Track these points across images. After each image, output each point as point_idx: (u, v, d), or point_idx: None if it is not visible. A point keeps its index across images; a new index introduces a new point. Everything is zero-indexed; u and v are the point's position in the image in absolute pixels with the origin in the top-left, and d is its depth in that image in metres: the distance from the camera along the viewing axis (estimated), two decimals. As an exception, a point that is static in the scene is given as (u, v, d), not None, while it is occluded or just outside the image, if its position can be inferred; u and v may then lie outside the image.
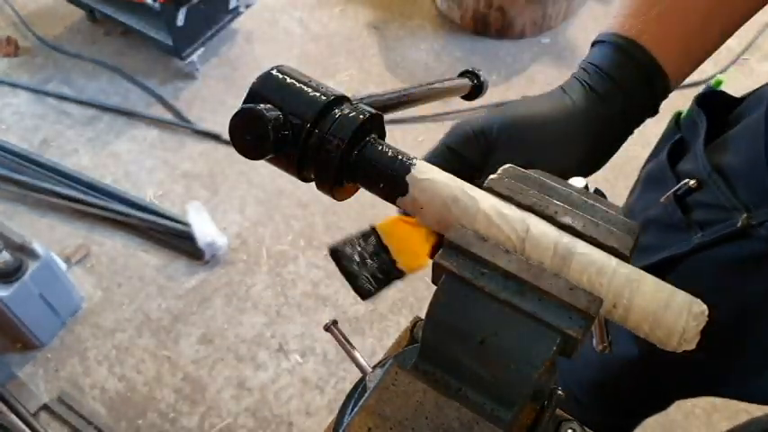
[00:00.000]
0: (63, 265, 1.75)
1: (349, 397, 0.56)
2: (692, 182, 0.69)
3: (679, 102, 0.73)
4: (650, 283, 0.39)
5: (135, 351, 1.74)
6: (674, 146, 0.76)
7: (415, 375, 0.41)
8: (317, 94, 0.42)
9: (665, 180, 0.74)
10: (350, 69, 2.42)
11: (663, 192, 0.74)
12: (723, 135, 0.71)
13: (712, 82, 0.76)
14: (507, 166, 0.44)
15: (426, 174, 0.42)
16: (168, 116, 2.26)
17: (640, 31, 0.55)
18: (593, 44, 0.58)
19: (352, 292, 0.51)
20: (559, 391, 0.50)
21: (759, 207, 0.63)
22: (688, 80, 0.61)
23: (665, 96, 0.57)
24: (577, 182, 0.46)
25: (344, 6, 2.65)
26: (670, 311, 0.37)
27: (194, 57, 2.30)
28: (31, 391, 1.64)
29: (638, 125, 0.56)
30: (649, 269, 0.75)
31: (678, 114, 0.78)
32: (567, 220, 0.41)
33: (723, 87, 0.76)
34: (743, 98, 0.74)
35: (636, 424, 1.09)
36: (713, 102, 0.74)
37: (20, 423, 1.57)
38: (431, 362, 0.42)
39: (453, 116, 2.24)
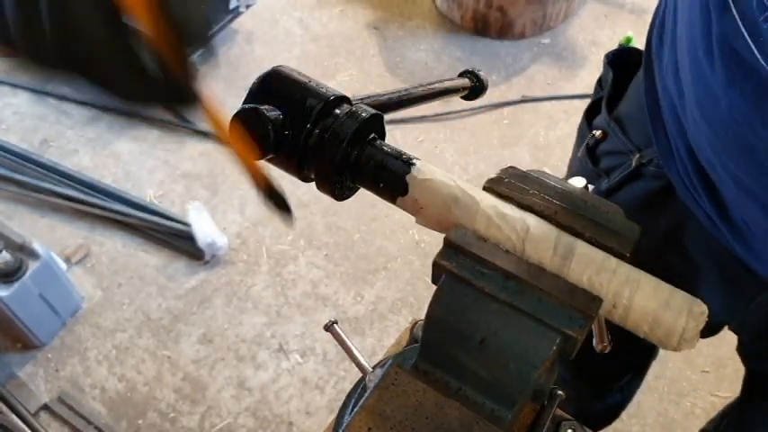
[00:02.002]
0: (63, 265, 1.75)
1: (349, 397, 0.56)
2: (597, 133, 0.75)
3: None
4: (650, 282, 0.39)
5: (135, 351, 1.74)
6: (592, 104, 0.80)
7: (415, 375, 0.41)
8: (318, 95, 0.43)
9: (584, 136, 0.79)
10: (350, 69, 2.42)
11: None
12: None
13: (622, 39, 0.78)
14: (507, 166, 0.44)
15: (426, 174, 0.42)
16: (168, 116, 2.26)
17: None
18: None
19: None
20: (559, 391, 0.50)
21: (647, 147, 0.68)
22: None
23: None
24: (577, 182, 0.46)
25: (344, 6, 2.65)
26: (670, 311, 0.38)
27: (194, 57, 2.29)
28: (31, 391, 1.64)
29: None
30: None
31: (600, 77, 0.82)
32: (567, 220, 0.41)
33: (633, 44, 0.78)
34: None
35: (627, 392, 1.11)
36: (624, 59, 0.77)
37: (20, 423, 1.57)
38: (431, 362, 0.42)
39: (453, 116, 2.24)
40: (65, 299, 1.74)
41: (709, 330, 0.77)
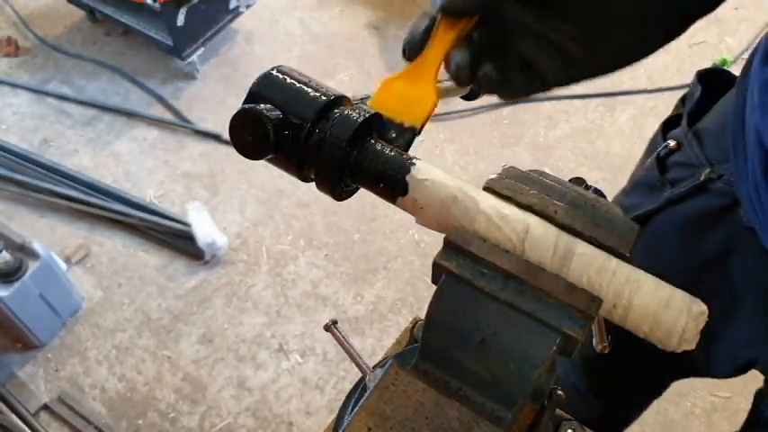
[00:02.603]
0: (63, 265, 1.75)
1: (349, 397, 0.56)
2: (672, 143, 0.75)
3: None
4: (650, 283, 0.39)
5: (135, 351, 1.74)
6: (670, 118, 0.80)
7: (415, 375, 0.41)
8: (317, 95, 0.42)
9: (656, 147, 0.79)
10: (350, 69, 2.42)
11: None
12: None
13: (717, 60, 0.78)
14: (507, 166, 0.44)
15: (426, 174, 0.42)
16: (168, 116, 2.26)
17: None
18: None
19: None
20: (559, 391, 0.50)
21: (722, 163, 0.67)
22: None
23: None
24: (577, 182, 0.46)
25: (344, 6, 2.65)
26: (670, 311, 0.38)
27: (194, 57, 2.30)
28: (31, 391, 1.64)
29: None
30: None
31: (685, 94, 0.81)
32: (567, 220, 0.41)
33: (727, 68, 0.78)
34: None
35: (634, 413, 1.10)
36: (715, 79, 0.77)
37: (20, 423, 1.57)
38: (431, 362, 0.42)
39: (453, 116, 2.24)
40: (65, 299, 1.74)
41: (737, 370, 0.76)
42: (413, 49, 0.48)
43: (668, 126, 0.80)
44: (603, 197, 0.45)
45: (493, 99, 2.27)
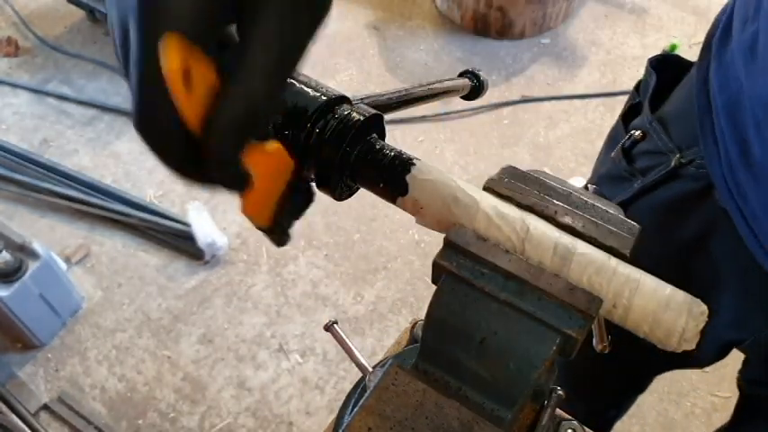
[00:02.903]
0: (63, 265, 1.75)
1: (349, 397, 0.56)
2: (637, 133, 0.75)
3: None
4: (650, 283, 0.39)
5: (135, 351, 1.74)
6: (629, 107, 0.80)
7: (415, 375, 0.41)
8: (317, 95, 0.42)
9: (619, 138, 0.79)
10: (350, 69, 2.42)
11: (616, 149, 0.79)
12: (671, 93, 0.75)
13: (667, 47, 0.79)
14: (507, 166, 0.44)
15: (426, 174, 0.42)
16: (168, 116, 2.26)
17: None
18: None
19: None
20: (559, 391, 0.50)
21: (690, 148, 0.67)
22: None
23: None
24: (577, 182, 0.46)
25: (344, 6, 2.65)
26: (670, 311, 0.38)
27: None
28: (31, 391, 1.64)
29: None
30: None
31: (639, 82, 0.82)
32: (567, 220, 0.41)
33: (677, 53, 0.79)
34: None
35: (622, 409, 1.11)
36: (668, 65, 0.77)
37: (20, 423, 1.57)
38: (431, 362, 0.42)
39: (453, 116, 2.24)
40: (65, 299, 1.74)
41: (720, 349, 0.76)
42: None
43: (627, 117, 0.80)
44: (604, 197, 0.45)
45: (493, 99, 2.27)
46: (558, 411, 0.55)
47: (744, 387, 0.83)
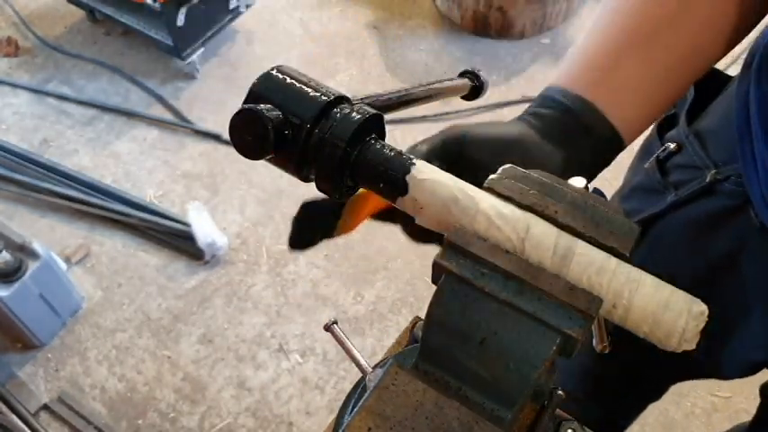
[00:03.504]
0: (63, 265, 1.75)
1: (349, 397, 0.56)
2: (672, 146, 0.74)
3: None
4: (650, 283, 0.39)
5: (135, 351, 1.74)
6: (665, 119, 0.79)
7: (415, 375, 0.41)
8: (317, 95, 0.42)
9: (653, 149, 0.78)
10: (350, 69, 2.42)
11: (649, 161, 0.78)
12: (706, 105, 0.75)
13: None
14: (507, 166, 0.44)
15: (426, 174, 0.42)
16: (168, 116, 2.26)
17: (596, 88, 0.56)
18: (543, 93, 0.58)
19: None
20: (559, 391, 0.50)
21: (727, 164, 0.66)
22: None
23: (618, 152, 0.58)
24: (577, 182, 0.46)
25: (344, 6, 2.65)
26: (670, 312, 0.38)
27: (194, 57, 2.30)
28: (31, 391, 1.64)
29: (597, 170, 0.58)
30: None
31: None
32: (567, 220, 0.41)
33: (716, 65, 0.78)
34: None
35: (633, 416, 1.10)
36: (707, 78, 0.77)
37: (20, 423, 1.57)
38: (431, 362, 0.42)
39: (453, 116, 2.24)
40: (65, 299, 1.74)
41: (747, 371, 0.75)
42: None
43: (662, 128, 0.79)
44: (603, 197, 0.45)
45: (493, 99, 2.27)
46: (558, 411, 0.55)
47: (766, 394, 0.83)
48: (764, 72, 0.59)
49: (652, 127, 0.79)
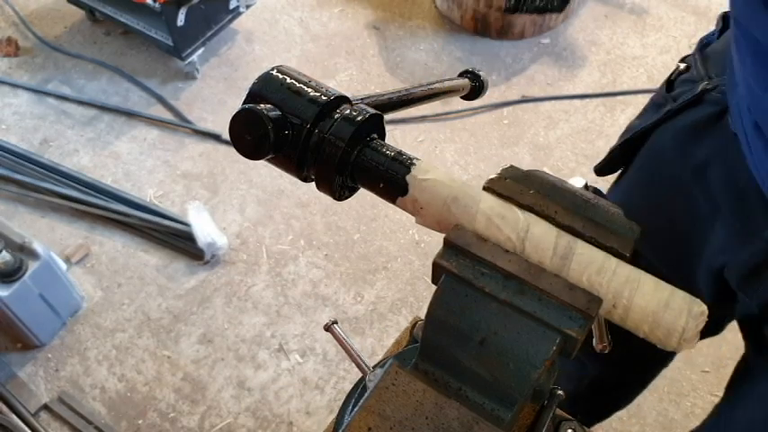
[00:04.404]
0: (63, 265, 1.75)
1: (349, 397, 0.56)
2: (682, 65, 0.80)
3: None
4: (650, 283, 0.39)
5: (135, 351, 1.74)
6: (688, 57, 0.84)
7: (415, 375, 0.41)
8: (318, 95, 0.42)
9: (657, 98, 0.84)
10: (350, 69, 2.42)
11: None
12: None
13: None
14: (507, 165, 0.44)
15: (426, 174, 0.42)
16: (168, 116, 2.26)
17: None
18: None
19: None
20: (559, 391, 0.50)
21: (719, 76, 0.72)
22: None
23: None
24: (577, 182, 0.46)
25: (344, 6, 2.65)
26: (670, 311, 0.38)
27: (194, 57, 2.30)
28: (31, 391, 1.64)
29: None
30: (626, 143, 0.81)
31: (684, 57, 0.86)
32: (566, 220, 0.41)
33: None
34: None
35: (621, 399, 1.16)
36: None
37: (20, 423, 1.57)
38: (431, 362, 0.42)
39: (453, 116, 2.24)
40: (65, 299, 1.74)
41: (713, 279, 0.77)
42: None
43: (671, 83, 0.84)
44: (603, 197, 0.45)
45: (493, 99, 2.27)
46: (558, 411, 0.55)
47: (745, 328, 0.82)
48: None
49: (662, 83, 0.84)
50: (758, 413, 0.75)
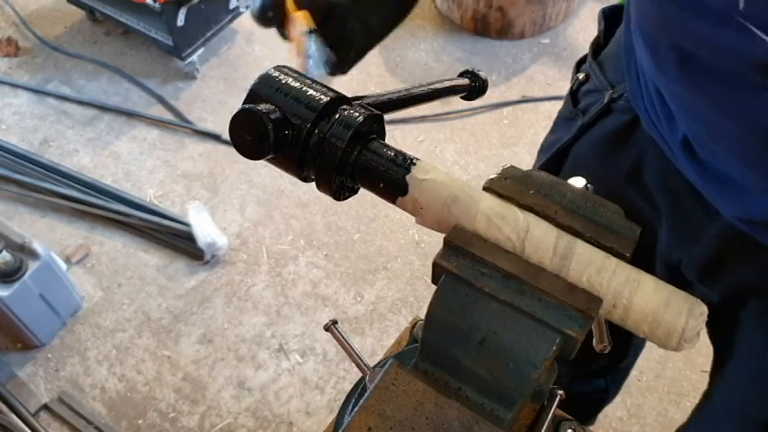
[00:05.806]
0: (63, 265, 1.75)
1: (349, 397, 0.56)
2: (581, 75, 0.80)
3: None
4: (650, 283, 0.39)
5: (135, 351, 1.74)
6: (582, 58, 0.85)
7: (415, 375, 0.41)
8: (318, 95, 0.43)
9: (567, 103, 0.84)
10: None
11: None
12: None
13: None
14: (507, 166, 0.44)
15: (426, 174, 0.42)
16: (168, 116, 2.26)
17: None
18: None
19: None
20: (559, 391, 0.50)
21: (620, 83, 0.72)
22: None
23: None
24: (577, 182, 0.46)
25: (344, 6, 2.65)
26: (670, 311, 0.38)
27: (194, 57, 2.30)
28: (31, 391, 1.64)
29: None
30: (549, 162, 0.82)
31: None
32: (566, 220, 0.41)
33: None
34: None
35: (609, 386, 1.15)
36: (617, 16, 0.81)
37: (20, 423, 1.57)
38: (431, 362, 0.42)
39: (453, 116, 2.24)
40: (65, 299, 1.74)
41: (673, 275, 0.76)
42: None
43: (579, 65, 0.85)
44: (603, 197, 0.45)
45: (493, 99, 2.27)
46: (559, 411, 0.55)
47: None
48: None
49: (566, 96, 0.85)
50: (734, 399, 0.76)
